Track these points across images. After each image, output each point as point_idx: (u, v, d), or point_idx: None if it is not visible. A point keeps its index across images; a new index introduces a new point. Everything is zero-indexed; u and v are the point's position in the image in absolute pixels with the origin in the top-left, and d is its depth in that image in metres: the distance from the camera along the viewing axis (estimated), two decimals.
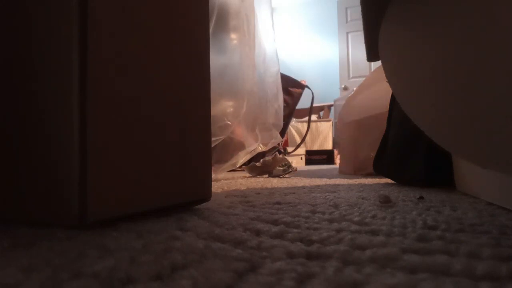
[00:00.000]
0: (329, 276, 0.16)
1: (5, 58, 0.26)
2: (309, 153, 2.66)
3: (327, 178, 0.89)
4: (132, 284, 0.15)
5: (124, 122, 0.27)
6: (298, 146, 1.68)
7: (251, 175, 0.98)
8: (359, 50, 3.73)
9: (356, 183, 0.70)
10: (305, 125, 1.72)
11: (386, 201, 0.39)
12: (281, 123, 0.98)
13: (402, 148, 0.66)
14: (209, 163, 0.37)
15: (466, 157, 0.35)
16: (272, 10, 0.95)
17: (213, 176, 0.83)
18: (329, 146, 2.86)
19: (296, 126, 2.63)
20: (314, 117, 2.83)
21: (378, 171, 0.76)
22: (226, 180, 0.82)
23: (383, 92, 0.80)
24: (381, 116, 0.80)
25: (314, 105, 1.58)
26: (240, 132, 0.81)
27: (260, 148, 0.93)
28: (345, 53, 3.84)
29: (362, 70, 3.64)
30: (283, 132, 1.17)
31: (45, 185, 0.24)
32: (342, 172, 1.13)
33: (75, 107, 0.24)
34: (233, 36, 0.75)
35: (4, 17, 0.26)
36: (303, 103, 1.52)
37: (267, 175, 0.97)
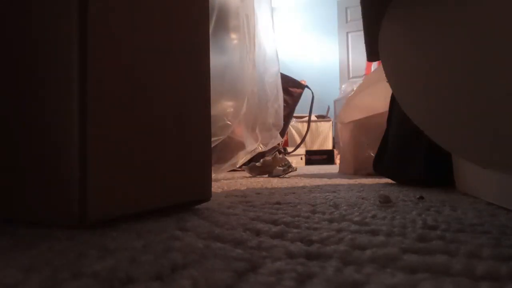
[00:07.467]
0: (329, 276, 0.16)
1: (5, 58, 0.26)
2: (309, 153, 2.66)
3: (327, 178, 0.89)
4: (132, 284, 0.15)
5: (124, 122, 0.27)
6: (298, 146, 1.68)
7: (251, 175, 0.98)
8: (359, 50, 3.72)
9: (356, 183, 0.70)
10: (305, 125, 1.72)
11: (386, 201, 0.39)
12: (281, 123, 0.98)
13: (402, 148, 0.66)
14: (209, 163, 0.37)
15: (466, 157, 0.35)
16: (272, 10, 0.95)
17: (213, 176, 0.83)
18: (329, 146, 2.85)
19: (296, 126, 2.62)
20: (314, 117, 2.82)
21: (378, 171, 0.76)
22: (226, 180, 0.82)
23: (383, 92, 0.80)
24: (381, 116, 0.80)
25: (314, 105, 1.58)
26: (240, 132, 0.81)
27: (260, 148, 0.92)
28: (345, 53, 3.83)
29: (362, 70, 3.63)
30: (283, 132, 1.17)
31: (45, 185, 0.24)
32: (342, 172, 1.13)
33: (75, 107, 0.24)
34: (233, 36, 0.75)
35: (5, 17, 0.26)
36: (303, 104, 1.51)
37: (267, 175, 0.97)
